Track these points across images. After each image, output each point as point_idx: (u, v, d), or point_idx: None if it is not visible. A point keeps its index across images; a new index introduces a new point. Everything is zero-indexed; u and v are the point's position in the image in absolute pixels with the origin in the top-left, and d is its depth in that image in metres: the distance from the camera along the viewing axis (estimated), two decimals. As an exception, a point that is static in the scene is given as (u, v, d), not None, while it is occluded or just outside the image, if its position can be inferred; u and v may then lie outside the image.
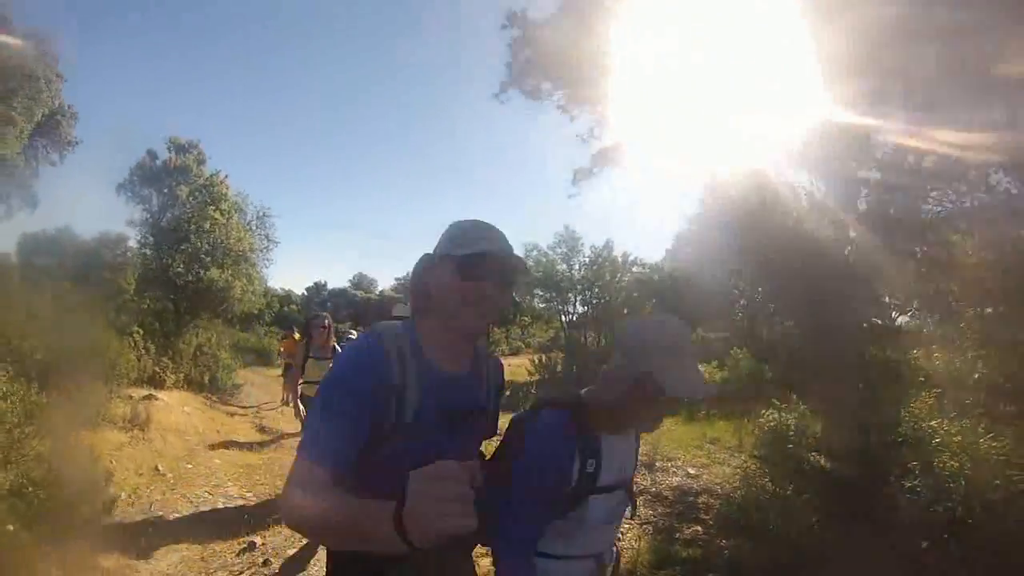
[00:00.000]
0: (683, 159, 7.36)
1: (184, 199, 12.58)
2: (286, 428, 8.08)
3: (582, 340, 17.72)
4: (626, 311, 17.52)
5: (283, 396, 10.71)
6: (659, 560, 3.62)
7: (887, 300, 5.48)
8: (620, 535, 3.90)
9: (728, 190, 6.15)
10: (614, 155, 7.10)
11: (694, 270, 11.95)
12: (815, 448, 4.23)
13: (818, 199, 5.41)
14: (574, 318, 18.38)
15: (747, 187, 5.68)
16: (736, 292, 10.73)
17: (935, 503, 3.06)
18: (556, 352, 18.15)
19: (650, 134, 7.27)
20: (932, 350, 4.21)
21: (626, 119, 7.04)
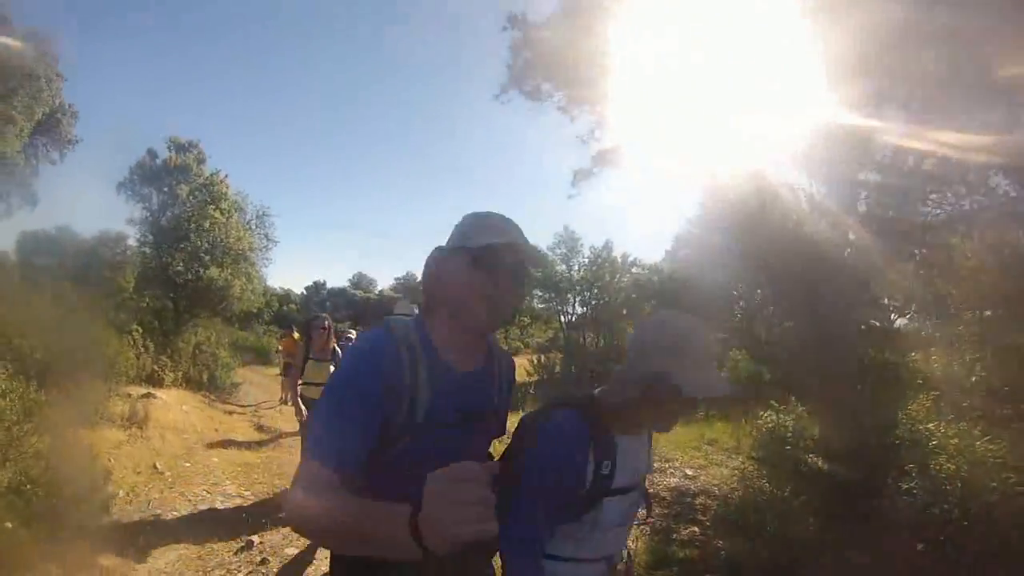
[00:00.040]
0: (682, 160, 7.36)
1: (184, 198, 12.59)
2: (284, 427, 8.07)
3: (581, 341, 17.76)
4: (625, 311, 17.56)
5: (281, 395, 10.71)
6: (656, 561, 3.63)
7: (886, 302, 5.49)
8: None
9: (727, 192, 6.16)
10: (614, 156, 7.11)
11: (693, 271, 11.94)
12: (813, 450, 4.24)
13: (818, 201, 5.41)
14: (573, 319, 18.44)
15: (746, 189, 5.69)
16: (735, 294, 10.72)
17: (932, 505, 3.07)
18: (555, 352, 18.19)
19: (650, 135, 7.27)
20: (930, 353, 4.22)
21: (626, 120, 7.05)
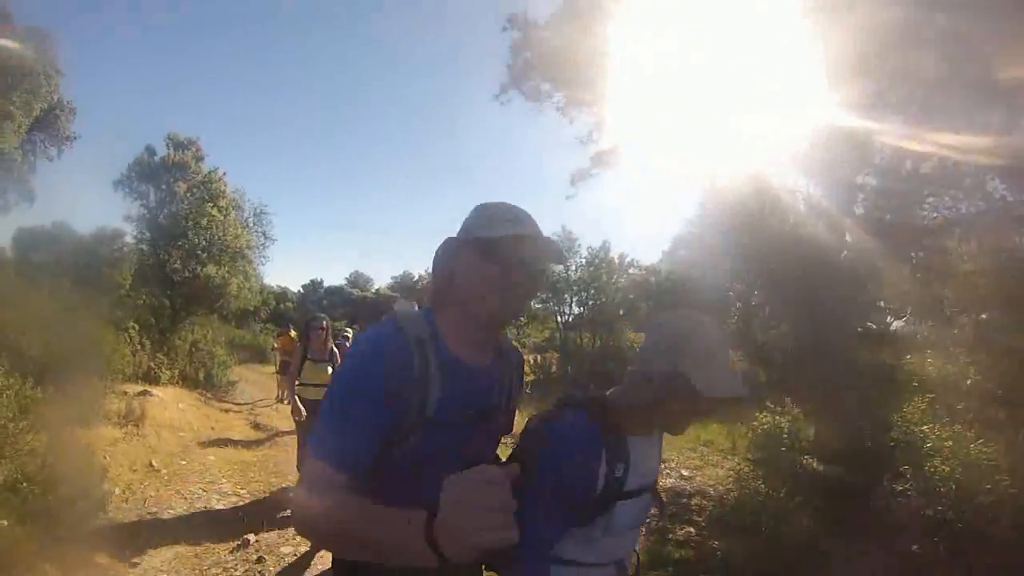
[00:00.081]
0: (681, 162, 7.42)
1: (182, 195, 12.57)
2: (281, 426, 8.06)
3: (578, 341, 17.77)
4: (622, 312, 17.59)
5: (278, 393, 10.69)
6: (652, 561, 3.64)
7: (882, 305, 5.51)
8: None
9: (725, 193, 6.19)
10: (612, 157, 7.14)
11: (691, 272, 11.96)
12: (809, 451, 4.27)
13: (815, 203, 5.44)
14: (570, 319, 18.43)
15: (744, 190, 5.71)
16: (732, 295, 10.73)
17: (926, 506, 3.10)
18: (551, 352, 18.21)
19: (648, 136, 7.32)
20: (926, 356, 4.24)
21: (624, 121, 7.09)
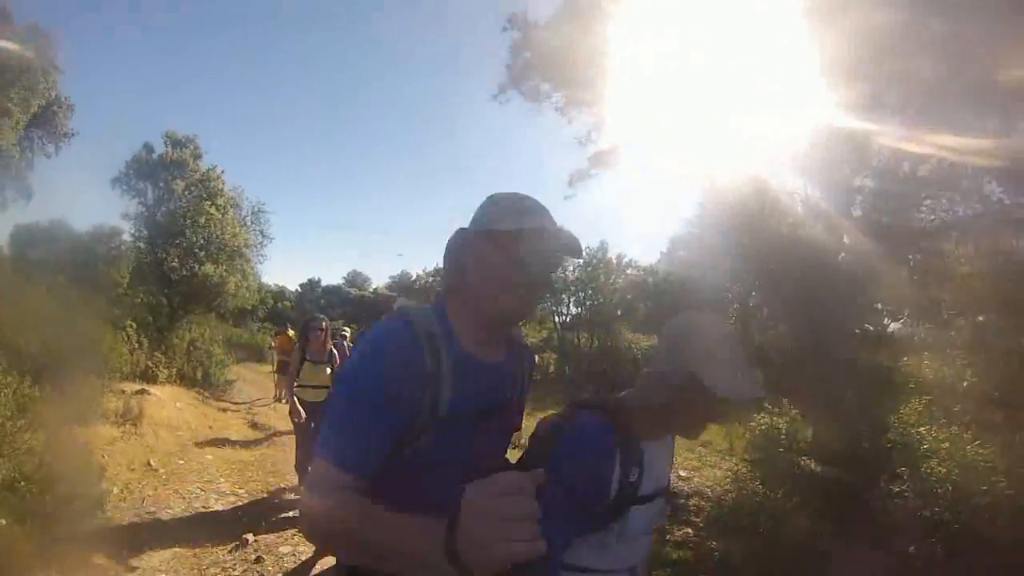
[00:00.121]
0: (679, 162, 7.43)
1: (180, 193, 12.51)
2: (278, 425, 8.04)
3: (575, 341, 17.78)
4: (619, 313, 17.61)
5: (275, 392, 10.67)
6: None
7: (880, 307, 5.53)
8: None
9: (724, 195, 6.20)
10: (610, 157, 7.15)
11: (688, 273, 12.00)
12: (806, 452, 4.28)
13: (813, 205, 5.46)
14: (567, 319, 18.44)
15: (742, 192, 5.73)
16: (729, 296, 10.77)
17: (923, 507, 3.12)
18: (549, 353, 18.18)
19: (647, 137, 7.34)
20: (923, 357, 4.26)
21: (623, 122, 7.10)
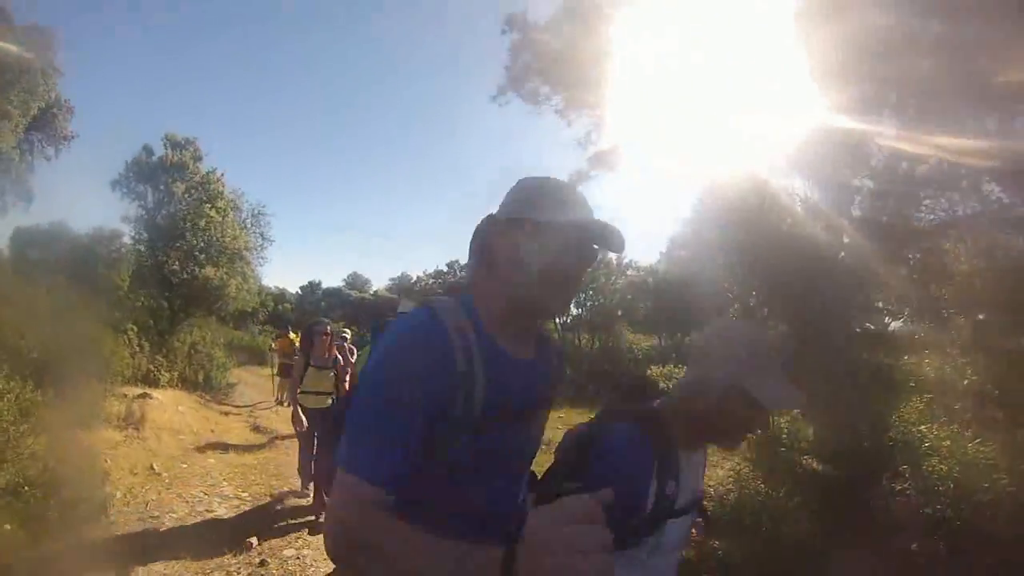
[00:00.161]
0: (678, 163, 7.44)
1: (180, 196, 12.49)
2: (280, 429, 8.05)
3: (576, 342, 17.78)
4: (620, 313, 17.61)
5: (276, 395, 10.67)
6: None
7: (880, 306, 5.54)
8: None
9: (723, 194, 6.21)
10: (610, 158, 7.15)
11: (688, 273, 12.01)
12: (808, 451, 4.29)
13: (812, 204, 5.47)
14: (568, 320, 18.43)
15: (742, 192, 5.74)
16: (729, 296, 10.78)
17: (924, 505, 3.13)
18: (550, 353, 18.14)
19: (646, 138, 7.35)
20: (923, 356, 4.28)
21: (622, 123, 7.10)
